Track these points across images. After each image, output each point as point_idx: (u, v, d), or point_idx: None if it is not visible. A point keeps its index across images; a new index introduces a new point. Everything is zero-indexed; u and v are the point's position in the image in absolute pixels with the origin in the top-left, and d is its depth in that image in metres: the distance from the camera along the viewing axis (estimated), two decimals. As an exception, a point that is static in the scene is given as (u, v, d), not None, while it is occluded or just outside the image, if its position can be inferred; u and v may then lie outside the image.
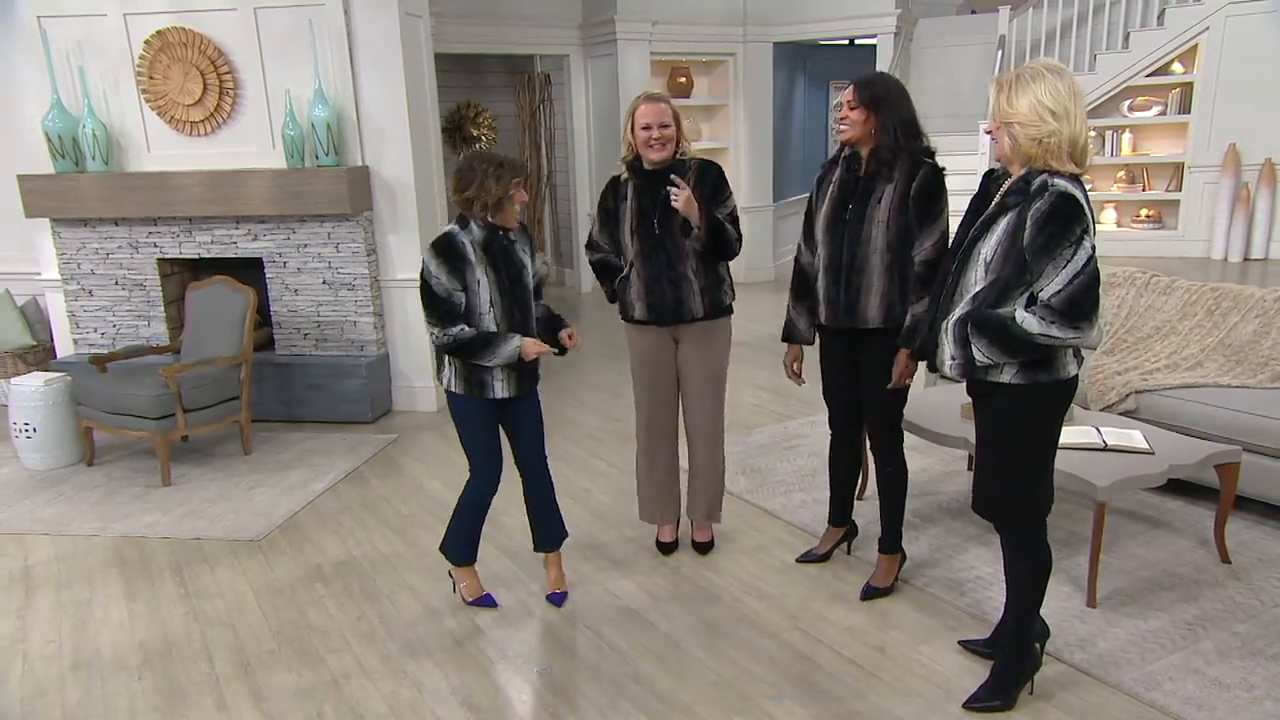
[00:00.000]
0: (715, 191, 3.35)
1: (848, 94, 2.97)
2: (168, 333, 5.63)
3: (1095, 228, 2.33)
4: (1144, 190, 7.39)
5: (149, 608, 3.46)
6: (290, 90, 5.14)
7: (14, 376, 5.33)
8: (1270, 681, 2.74)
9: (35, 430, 4.82)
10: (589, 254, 3.58)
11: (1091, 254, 2.24)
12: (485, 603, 3.36)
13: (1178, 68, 7.07)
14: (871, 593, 3.31)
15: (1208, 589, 3.27)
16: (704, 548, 3.71)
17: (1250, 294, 4.32)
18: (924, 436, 3.74)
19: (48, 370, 5.38)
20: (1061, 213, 2.24)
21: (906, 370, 3.00)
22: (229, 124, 5.32)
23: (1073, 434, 3.40)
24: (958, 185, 3.23)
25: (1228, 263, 6.75)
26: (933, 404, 3.94)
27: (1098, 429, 3.51)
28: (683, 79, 9.03)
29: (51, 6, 5.21)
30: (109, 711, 2.85)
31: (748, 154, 9.24)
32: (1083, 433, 3.46)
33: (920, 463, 4.29)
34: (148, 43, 5.20)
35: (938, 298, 2.53)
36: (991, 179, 2.51)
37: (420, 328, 5.37)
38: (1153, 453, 3.34)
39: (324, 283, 5.45)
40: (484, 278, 3.00)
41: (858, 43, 9.83)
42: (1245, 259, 6.76)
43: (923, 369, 3.03)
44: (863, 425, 3.35)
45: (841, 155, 3.09)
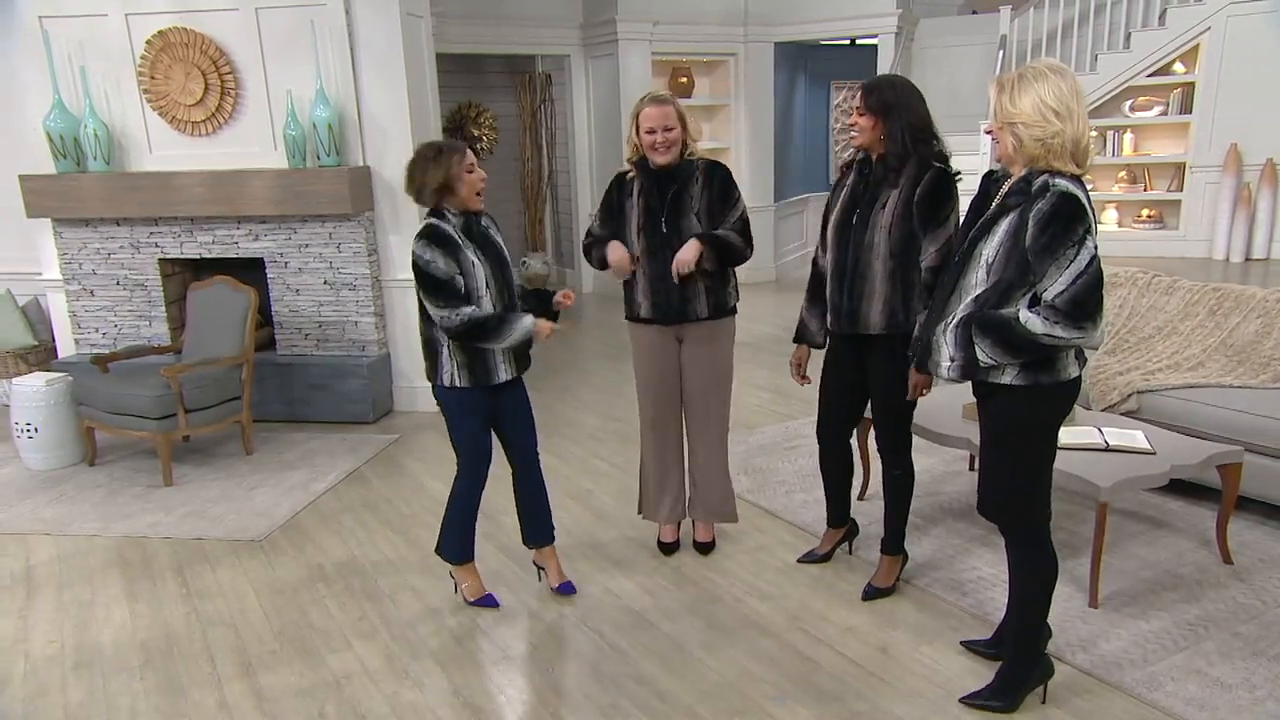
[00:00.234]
0: (723, 193, 3.35)
1: (857, 100, 2.96)
2: (169, 333, 5.63)
3: (1097, 227, 2.32)
4: (1145, 190, 7.38)
5: (151, 608, 3.46)
6: (292, 90, 5.14)
7: (15, 376, 5.34)
8: (1272, 682, 2.74)
9: (37, 430, 4.82)
10: (585, 240, 3.55)
11: (1094, 254, 2.24)
12: (487, 603, 3.36)
13: (1179, 68, 7.05)
14: (873, 593, 3.31)
15: (1210, 589, 3.27)
16: (705, 548, 3.71)
17: (1252, 294, 4.32)
18: (926, 437, 3.74)
19: (49, 370, 5.38)
20: (1064, 213, 2.23)
21: (920, 383, 2.99)
22: (230, 124, 5.32)
23: (1075, 434, 3.40)
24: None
25: (1229, 263, 6.73)
26: (935, 404, 3.93)
27: (1099, 429, 3.51)
28: (684, 79, 9.02)
29: (53, 7, 5.21)
30: (111, 711, 2.85)
31: (749, 154, 9.22)
32: (1084, 433, 3.45)
33: (922, 463, 4.24)
34: (149, 43, 5.20)
35: (937, 300, 2.53)
36: (991, 180, 2.50)
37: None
38: (1154, 453, 3.34)
39: (325, 283, 5.45)
40: (476, 259, 3.00)
41: (859, 43, 9.83)
42: (1247, 259, 6.74)
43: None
44: (854, 429, 3.36)
45: (856, 159, 3.09)
